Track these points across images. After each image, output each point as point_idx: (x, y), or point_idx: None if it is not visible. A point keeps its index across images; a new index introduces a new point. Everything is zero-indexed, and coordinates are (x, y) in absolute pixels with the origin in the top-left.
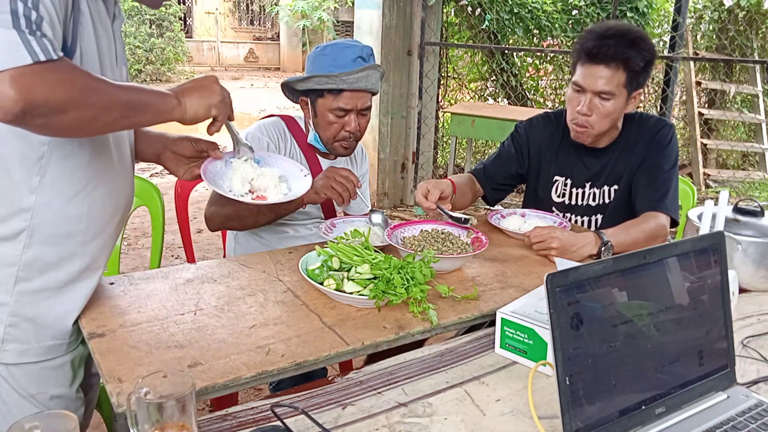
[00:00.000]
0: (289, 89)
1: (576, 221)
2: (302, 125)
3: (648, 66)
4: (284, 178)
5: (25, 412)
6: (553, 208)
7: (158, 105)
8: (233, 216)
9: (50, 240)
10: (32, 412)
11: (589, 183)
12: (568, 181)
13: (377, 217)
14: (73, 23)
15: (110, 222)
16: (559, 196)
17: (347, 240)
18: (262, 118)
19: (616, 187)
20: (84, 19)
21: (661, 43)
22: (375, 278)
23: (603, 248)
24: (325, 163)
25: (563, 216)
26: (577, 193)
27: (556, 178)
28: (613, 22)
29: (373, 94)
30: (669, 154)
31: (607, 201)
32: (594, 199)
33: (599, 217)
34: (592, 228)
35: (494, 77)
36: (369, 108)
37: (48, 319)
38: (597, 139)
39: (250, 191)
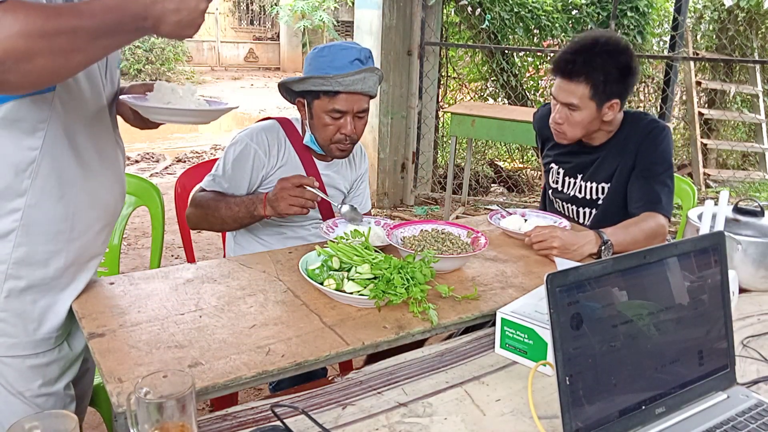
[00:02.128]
0: (287, 90)
1: (565, 208)
2: (299, 127)
3: (621, 77)
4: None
5: (14, 409)
6: (549, 192)
7: (128, 26)
8: (203, 218)
9: (39, 239)
10: (21, 409)
11: (581, 175)
12: (561, 170)
13: (345, 208)
14: None
15: (97, 221)
16: (554, 183)
17: (347, 240)
18: (259, 120)
19: (605, 185)
20: None
21: (661, 43)
22: (375, 278)
23: (603, 247)
24: (321, 165)
25: (555, 201)
26: (569, 182)
27: (552, 165)
28: (592, 32)
29: (371, 97)
30: (662, 154)
31: (594, 197)
32: (581, 192)
33: (588, 210)
34: (581, 219)
35: (494, 77)
36: (366, 111)
37: (35, 314)
38: (585, 139)
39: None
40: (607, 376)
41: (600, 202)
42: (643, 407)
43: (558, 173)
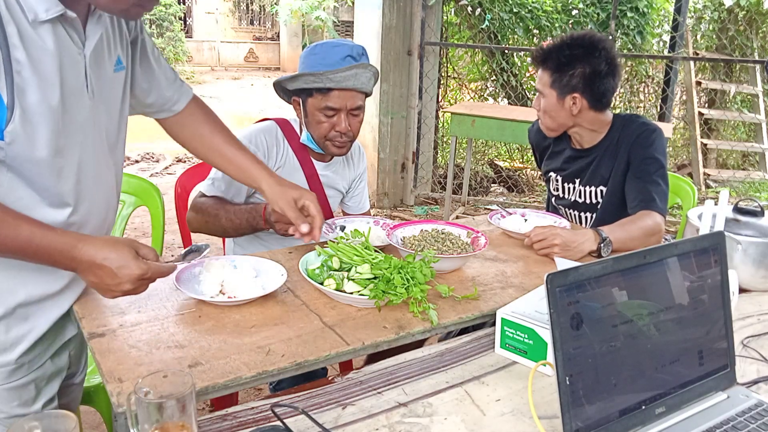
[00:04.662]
0: (282, 89)
1: (568, 214)
2: (297, 127)
3: (584, 74)
4: (259, 275)
5: None
6: (552, 200)
7: (48, 262)
8: (203, 225)
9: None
10: None
11: (579, 180)
12: (559, 177)
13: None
14: (6, 77)
15: None
16: (555, 190)
17: (347, 240)
18: (257, 121)
19: (603, 188)
20: (21, 68)
21: (661, 43)
22: (375, 278)
23: (602, 244)
24: (319, 165)
25: (558, 208)
26: (568, 188)
27: (551, 174)
28: (581, 31)
29: (366, 94)
30: (653, 154)
31: (594, 201)
32: (581, 196)
33: (589, 215)
34: (583, 224)
35: (494, 77)
36: (360, 108)
37: (6, 344)
38: (575, 141)
39: (221, 292)
40: (607, 376)
41: (599, 206)
42: (643, 407)
43: (557, 180)
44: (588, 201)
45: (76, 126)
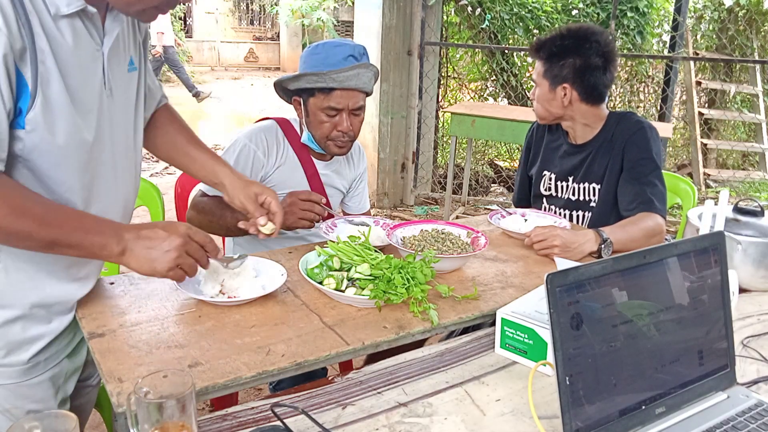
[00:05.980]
0: (282, 89)
1: (561, 214)
2: (297, 127)
3: (575, 65)
4: (259, 275)
5: (2, 426)
6: (543, 201)
7: (91, 248)
8: (206, 226)
9: (12, 269)
10: (7, 426)
11: (572, 177)
12: (552, 176)
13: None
14: (31, 64)
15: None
16: (546, 190)
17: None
18: (257, 121)
19: (597, 186)
20: (45, 57)
21: (661, 43)
22: (375, 278)
23: (603, 245)
24: (320, 164)
25: (549, 208)
26: (561, 186)
27: (544, 172)
28: (579, 23)
29: (367, 94)
30: (648, 154)
31: (587, 198)
32: (574, 194)
33: (582, 213)
34: (578, 224)
35: (494, 77)
36: (361, 108)
37: (22, 344)
38: (570, 136)
39: (221, 292)
40: (607, 376)
41: (593, 204)
42: (643, 407)
43: (550, 179)
44: (582, 198)
45: (94, 121)
